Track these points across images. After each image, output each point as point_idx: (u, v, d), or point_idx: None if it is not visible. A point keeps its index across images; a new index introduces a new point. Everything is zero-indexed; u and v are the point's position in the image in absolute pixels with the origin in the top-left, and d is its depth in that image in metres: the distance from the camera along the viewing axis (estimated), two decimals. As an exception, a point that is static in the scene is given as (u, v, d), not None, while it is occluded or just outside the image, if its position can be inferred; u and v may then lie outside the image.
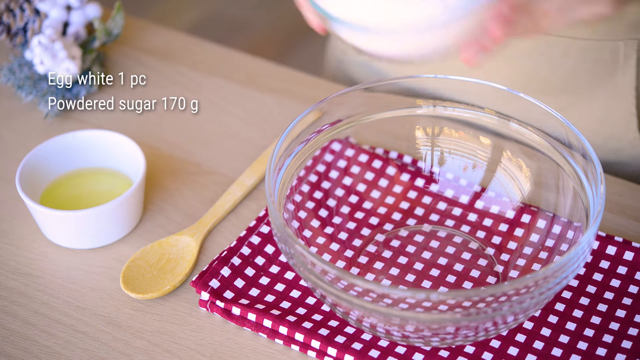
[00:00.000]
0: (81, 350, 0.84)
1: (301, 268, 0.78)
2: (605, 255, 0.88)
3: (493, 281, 0.87)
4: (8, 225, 0.95)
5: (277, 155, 0.84)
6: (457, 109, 0.91)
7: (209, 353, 0.84)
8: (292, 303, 0.86)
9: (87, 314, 0.87)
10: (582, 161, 0.84)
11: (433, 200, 0.94)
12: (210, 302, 0.86)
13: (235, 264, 0.88)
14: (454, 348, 0.82)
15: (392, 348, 0.82)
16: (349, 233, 0.91)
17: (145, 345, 0.84)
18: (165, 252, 0.90)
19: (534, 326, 0.83)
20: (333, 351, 0.81)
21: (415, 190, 0.95)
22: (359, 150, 0.96)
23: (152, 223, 0.95)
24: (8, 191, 0.98)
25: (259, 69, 1.12)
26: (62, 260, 0.91)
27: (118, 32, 1.10)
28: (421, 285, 0.87)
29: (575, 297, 0.85)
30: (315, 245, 0.89)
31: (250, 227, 0.91)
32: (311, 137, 0.89)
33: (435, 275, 0.88)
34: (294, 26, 2.34)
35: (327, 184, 0.94)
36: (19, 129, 1.05)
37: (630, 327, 0.83)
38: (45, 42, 1.04)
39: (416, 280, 0.87)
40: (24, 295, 0.88)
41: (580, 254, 0.77)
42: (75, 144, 0.96)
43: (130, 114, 1.06)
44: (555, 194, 0.88)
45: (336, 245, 0.90)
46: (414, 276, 0.88)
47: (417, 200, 0.94)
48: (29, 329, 0.86)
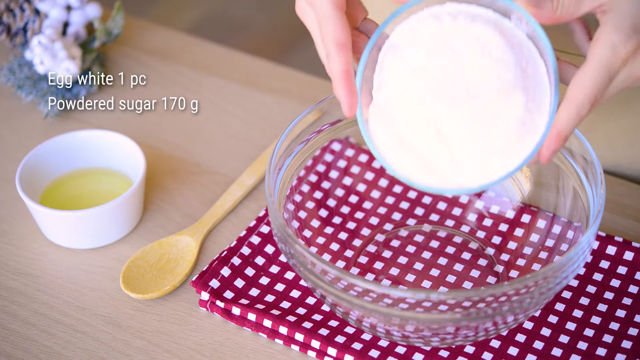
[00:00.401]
0: (81, 350, 0.84)
1: (301, 268, 0.78)
2: (605, 255, 0.88)
3: (493, 281, 0.87)
4: (8, 225, 0.95)
5: (277, 155, 0.84)
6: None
7: (209, 353, 0.84)
8: (292, 303, 0.86)
9: (87, 314, 0.87)
10: (582, 161, 0.84)
11: (433, 200, 0.94)
12: (210, 302, 0.86)
13: (235, 264, 0.88)
14: (454, 348, 0.82)
15: (392, 348, 0.82)
16: (349, 233, 0.91)
17: (145, 345, 0.84)
18: (165, 252, 0.90)
19: (534, 326, 0.83)
20: (333, 351, 0.81)
21: (415, 190, 0.95)
22: (359, 150, 0.96)
23: (152, 223, 0.95)
24: (8, 191, 0.98)
25: (259, 69, 1.12)
26: (62, 260, 0.91)
27: (118, 32, 1.10)
28: (421, 286, 0.87)
29: (575, 297, 0.85)
30: (315, 245, 0.89)
31: (250, 227, 0.91)
32: (311, 137, 0.89)
33: (435, 276, 0.88)
34: (294, 26, 2.34)
35: (327, 184, 0.94)
36: (19, 129, 1.05)
37: (630, 327, 0.83)
38: (45, 42, 1.04)
39: (416, 280, 0.87)
40: (24, 295, 0.88)
41: (580, 254, 0.77)
42: (76, 144, 0.96)
43: (130, 114, 1.06)
44: (555, 194, 0.88)
45: (336, 245, 0.90)
46: (414, 276, 0.88)
47: (417, 200, 0.94)
48: (29, 329, 0.86)
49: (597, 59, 0.72)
